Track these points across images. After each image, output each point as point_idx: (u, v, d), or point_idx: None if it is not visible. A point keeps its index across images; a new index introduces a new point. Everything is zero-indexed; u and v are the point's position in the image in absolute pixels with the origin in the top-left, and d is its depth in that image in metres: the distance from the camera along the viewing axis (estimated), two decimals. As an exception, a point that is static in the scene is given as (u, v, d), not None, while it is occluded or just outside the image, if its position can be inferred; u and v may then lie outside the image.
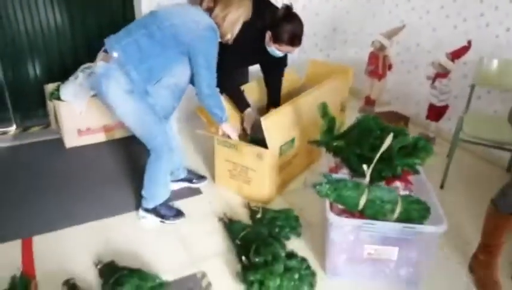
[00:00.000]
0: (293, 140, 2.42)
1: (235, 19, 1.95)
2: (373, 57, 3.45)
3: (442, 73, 2.91)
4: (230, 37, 2.02)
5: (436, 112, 3.08)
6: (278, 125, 2.26)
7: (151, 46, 1.83)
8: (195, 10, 1.90)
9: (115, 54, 1.80)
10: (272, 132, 2.18)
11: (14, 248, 2.02)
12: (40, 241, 2.07)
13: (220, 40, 1.98)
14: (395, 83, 3.61)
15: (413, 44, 3.40)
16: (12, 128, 3.19)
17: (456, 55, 2.82)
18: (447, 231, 1.67)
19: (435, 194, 1.88)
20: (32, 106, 3.20)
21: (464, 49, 2.79)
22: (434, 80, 2.98)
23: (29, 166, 2.74)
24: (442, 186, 2.61)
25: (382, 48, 3.33)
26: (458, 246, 2.12)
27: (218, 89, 2.08)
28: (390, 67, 3.47)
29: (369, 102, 3.64)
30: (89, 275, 1.87)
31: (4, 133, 3.14)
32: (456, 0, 2.96)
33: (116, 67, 1.80)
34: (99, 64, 1.83)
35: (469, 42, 2.77)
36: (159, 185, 2.15)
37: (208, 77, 1.95)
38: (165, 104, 1.96)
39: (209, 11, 1.92)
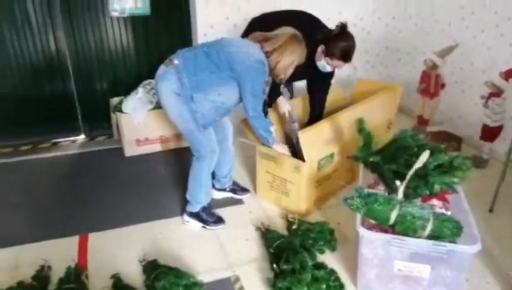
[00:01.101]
0: (332, 155, 2.47)
1: (288, 64, 2.15)
2: (425, 76, 3.40)
3: (495, 92, 2.82)
4: (283, 77, 2.21)
5: (489, 133, 2.97)
6: (315, 140, 2.33)
7: (206, 63, 2.08)
8: (252, 45, 2.13)
9: (176, 61, 2.08)
10: (309, 146, 2.25)
11: (72, 242, 2.27)
12: (95, 238, 2.31)
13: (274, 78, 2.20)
14: (449, 102, 3.51)
15: (467, 63, 3.31)
16: (81, 137, 3.55)
17: (510, 74, 2.72)
18: (491, 255, 1.62)
19: (472, 213, 1.84)
20: (98, 117, 3.54)
21: (519, 68, 2.68)
22: (487, 99, 2.88)
23: (93, 171, 3.04)
24: (491, 210, 2.51)
25: (434, 66, 3.28)
26: (502, 271, 2.03)
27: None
28: (443, 86, 3.40)
29: (422, 121, 3.57)
30: (134, 270, 2.05)
31: (74, 141, 3.51)
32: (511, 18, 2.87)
33: (173, 72, 2.07)
34: (160, 67, 2.14)
35: (524, 61, 2.67)
36: (201, 186, 2.31)
37: (253, 102, 2.14)
38: (207, 114, 2.14)
39: (266, 53, 2.11)
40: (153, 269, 1.94)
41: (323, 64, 2.40)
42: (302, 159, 2.29)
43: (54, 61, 3.29)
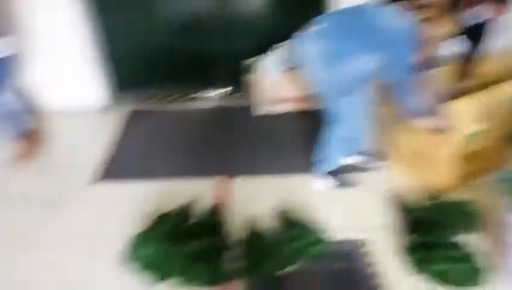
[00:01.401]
0: (482, 131, 2.24)
1: (440, 35, 2.04)
2: None
3: None
4: (433, 50, 2.09)
5: None
6: (466, 113, 2.14)
7: (349, 29, 2.05)
8: (401, 12, 2.01)
9: (317, 27, 2.09)
10: (456, 119, 2.09)
11: (214, 183, 2.51)
12: (235, 182, 2.52)
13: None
14: None
15: None
16: (220, 92, 3.80)
17: None
18: None
19: None
20: (235, 75, 3.72)
21: None
22: None
23: (229, 124, 3.28)
24: None
25: None
26: None
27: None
28: None
29: None
30: (266, 217, 2.20)
31: (212, 96, 3.77)
32: None
33: (313, 36, 2.08)
34: (301, 31, 2.16)
35: None
36: (333, 149, 2.33)
37: (398, 72, 2.04)
38: (342, 80, 2.10)
39: (416, 23, 1.98)
40: (283, 219, 2.05)
41: (476, 12, 2.17)
42: (447, 131, 2.13)
43: (198, 20, 3.51)
